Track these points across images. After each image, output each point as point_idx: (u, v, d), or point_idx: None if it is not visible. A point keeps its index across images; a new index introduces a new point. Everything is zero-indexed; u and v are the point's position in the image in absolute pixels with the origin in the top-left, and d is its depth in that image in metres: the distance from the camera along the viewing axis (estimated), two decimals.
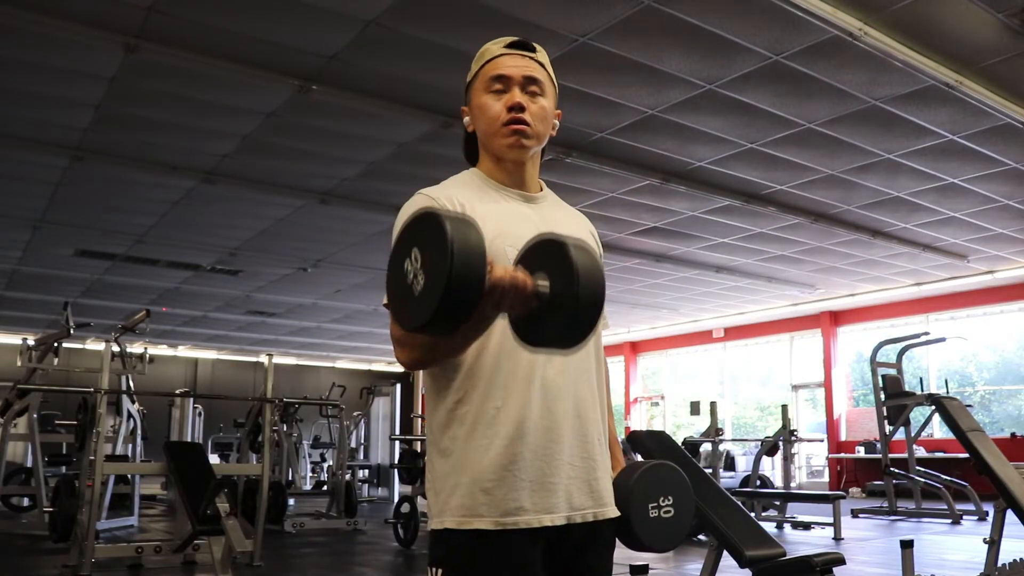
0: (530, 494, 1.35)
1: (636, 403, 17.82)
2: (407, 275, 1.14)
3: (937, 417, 10.38)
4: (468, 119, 1.53)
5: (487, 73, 1.48)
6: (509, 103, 1.45)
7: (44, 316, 13.45)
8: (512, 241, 1.37)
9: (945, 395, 5.67)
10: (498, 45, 1.51)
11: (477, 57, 1.52)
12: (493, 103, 1.46)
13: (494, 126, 1.46)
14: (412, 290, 1.12)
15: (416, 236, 1.15)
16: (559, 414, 1.39)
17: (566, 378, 1.41)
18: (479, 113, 1.48)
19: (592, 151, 6.67)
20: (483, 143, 1.51)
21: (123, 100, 5.60)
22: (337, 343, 17.31)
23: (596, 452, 1.44)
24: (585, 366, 1.46)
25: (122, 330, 8.11)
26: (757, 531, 3.38)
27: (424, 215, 1.15)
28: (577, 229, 1.55)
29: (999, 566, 4.21)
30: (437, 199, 1.41)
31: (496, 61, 1.48)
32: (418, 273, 1.12)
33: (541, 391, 1.38)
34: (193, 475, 5.42)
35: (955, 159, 6.88)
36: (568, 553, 1.41)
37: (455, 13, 4.57)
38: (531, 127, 1.46)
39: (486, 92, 1.47)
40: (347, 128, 6.14)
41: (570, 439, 1.40)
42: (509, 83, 1.46)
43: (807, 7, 4.41)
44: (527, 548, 1.34)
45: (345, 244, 9.43)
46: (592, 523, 1.42)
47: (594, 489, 1.42)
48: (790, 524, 8.19)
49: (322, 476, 14.11)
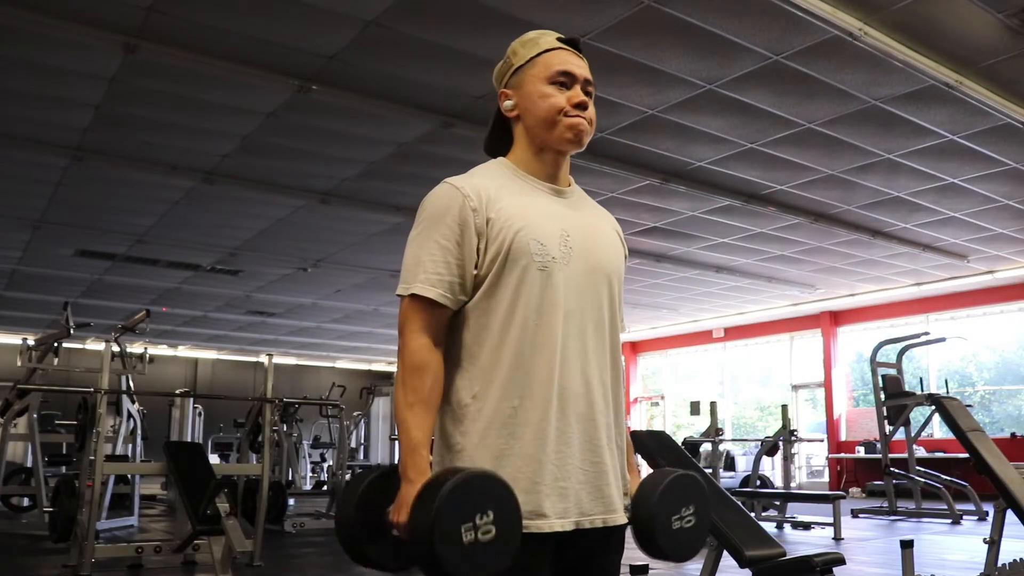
0: (543, 499, 1.34)
1: (636, 403, 17.83)
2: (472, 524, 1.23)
3: (937, 417, 10.38)
4: (512, 103, 1.51)
5: (550, 65, 1.48)
6: (575, 100, 1.47)
7: (44, 316, 13.44)
8: (536, 235, 1.39)
9: (945, 395, 5.67)
10: (549, 36, 1.51)
11: (524, 43, 1.52)
12: (557, 94, 1.47)
13: (555, 117, 1.46)
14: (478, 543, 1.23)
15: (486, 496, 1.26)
16: (574, 418, 1.39)
17: (583, 380, 1.41)
18: (538, 101, 1.47)
19: (592, 151, 6.65)
20: (531, 130, 1.49)
21: (123, 100, 5.60)
22: (337, 343, 17.31)
23: (605, 456, 1.43)
24: (602, 367, 1.45)
25: (122, 330, 8.11)
26: (757, 531, 3.38)
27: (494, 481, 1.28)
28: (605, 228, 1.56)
29: (999, 566, 4.21)
30: (462, 189, 1.41)
31: (558, 55, 1.49)
32: (487, 529, 1.24)
33: (559, 395, 1.37)
34: (193, 475, 5.41)
35: (955, 159, 6.88)
36: (576, 557, 1.41)
37: (455, 13, 4.57)
38: (590, 126, 1.49)
39: (548, 83, 1.47)
40: (347, 128, 6.14)
41: (582, 443, 1.40)
42: (574, 80, 1.48)
43: (807, 7, 4.41)
44: (536, 552, 1.34)
45: (345, 244, 9.43)
46: (601, 529, 1.41)
47: (604, 495, 1.41)
48: (790, 524, 8.19)
49: (322, 476, 14.12)
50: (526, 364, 1.36)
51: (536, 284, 1.38)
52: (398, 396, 1.36)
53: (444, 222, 1.39)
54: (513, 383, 1.36)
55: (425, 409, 1.34)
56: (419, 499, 1.25)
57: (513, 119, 1.52)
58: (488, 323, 1.38)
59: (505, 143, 1.55)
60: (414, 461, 1.31)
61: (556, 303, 1.39)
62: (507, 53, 1.54)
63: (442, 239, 1.39)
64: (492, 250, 1.38)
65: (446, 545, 1.21)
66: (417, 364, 1.36)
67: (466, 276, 1.39)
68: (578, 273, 1.43)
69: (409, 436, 1.32)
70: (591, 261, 1.46)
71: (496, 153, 1.56)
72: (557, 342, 1.38)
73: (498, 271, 1.38)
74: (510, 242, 1.38)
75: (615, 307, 1.50)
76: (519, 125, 1.51)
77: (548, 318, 1.38)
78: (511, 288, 1.38)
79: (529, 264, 1.38)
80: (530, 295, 1.38)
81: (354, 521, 1.36)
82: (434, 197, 1.43)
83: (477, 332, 1.39)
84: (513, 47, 1.53)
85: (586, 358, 1.42)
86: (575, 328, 1.41)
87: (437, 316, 1.39)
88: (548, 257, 1.40)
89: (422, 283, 1.37)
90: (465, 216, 1.39)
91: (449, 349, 1.42)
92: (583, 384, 1.40)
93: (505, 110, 1.52)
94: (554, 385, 1.37)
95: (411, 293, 1.38)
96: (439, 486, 1.24)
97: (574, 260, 1.43)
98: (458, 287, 1.39)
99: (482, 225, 1.39)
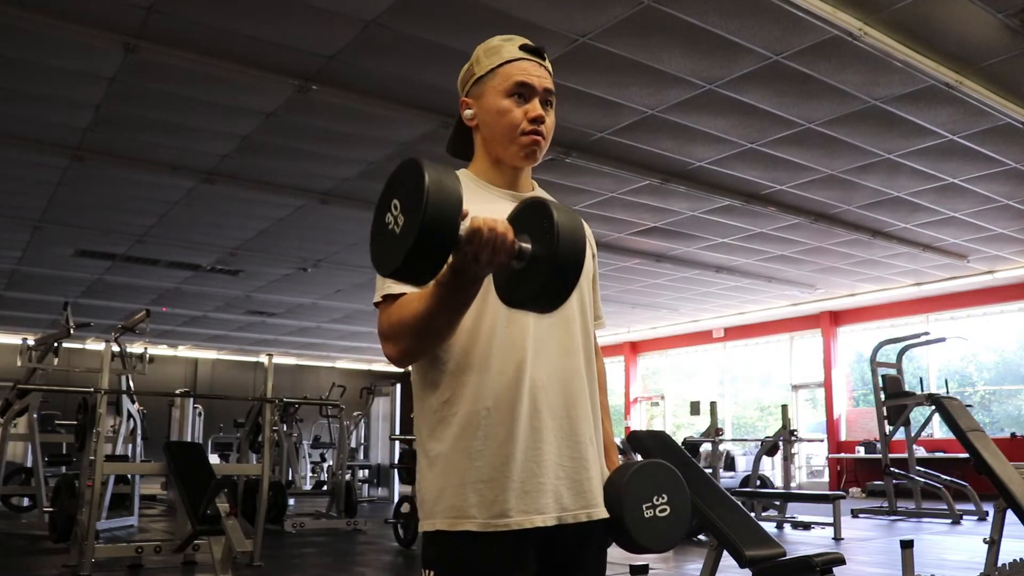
0: (520, 495, 1.34)
1: (636, 403, 17.83)
2: (387, 224, 1.15)
3: (937, 417, 10.38)
4: (471, 112, 1.51)
5: (509, 76, 1.46)
6: (532, 115, 1.45)
7: (44, 316, 13.44)
8: None
9: (945, 395, 5.67)
10: (511, 44, 1.49)
11: (487, 51, 1.50)
12: (513, 109, 1.46)
13: (511, 133, 1.46)
14: (392, 235, 1.13)
15: (397, 186, 1.15)
16: (548, 414, 1.39)
17: (555, 378, 1.41)
18: (495, 115, 1.46)
19: (592, 151, 6.67)
20: (488, 143, 1.50)
21: (123, 100, 5.60)
22: (337, 343, 17.31)
23: (586, 452, 1.43)
24: (575, 365, 1.45)
25: (122, 330, 8.11)
26: (757, 531, 3.38)
27: (405, 164, 1.15)
28: None
29: (999, 566, 4.21)
30: None
31: (519, 65, 1.47)
32: (397, 219, 1.12)
33: (530, 392, 1.37)
34: (193, 475, 5.41)
35: (955, 159, 6.88)
36: (561, 554, 1.41)
37: (455, 13, 4.57)
38: (545, 140, 1.48)
39: (505, 96, 1.46)
40: (347, 128, 6.14)
41: (559, 439, 1.40)
42: (531, 93, 1.46)
43: (807, 7, 4.41)
44: (518, 549, 1.34)
45: (345, 244, 9.43)
46: (585, 524, 1.41)
47: (585, 490, 1.41)
48: (790, 524, 8.19)
49: (322, 476, 14.11)
50: (496, 366, 1.36)
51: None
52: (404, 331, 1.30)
53: None
54: (483, 386, 1.36)
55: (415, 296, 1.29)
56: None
57: (473, 128, 1.52)
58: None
59: (467, 147, 1.56)
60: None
61: None
62: (471, 59, 1.52)
63: None
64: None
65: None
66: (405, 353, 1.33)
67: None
68: None
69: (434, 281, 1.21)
70: None
71: (459, 155, 1.57)
72: (528, 342, 1.38)
73: None
74: None
75: (585, 304, 1.50)
76: (478, 135, 1.52)
77: (519, 320, 1.38)
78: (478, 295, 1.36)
79: None
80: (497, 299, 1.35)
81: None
82: None
83: None
84: (476, 54, 1.51)
85: (560, 356, 1.42)
86: (545, 327, 1.41)
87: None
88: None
89: (392, 284, 1.35)
90: None
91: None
92: (557, 381, 1.41)
93: (465, 119, 1.52)
94: (524, 385, 1.37)
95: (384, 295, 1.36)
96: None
97: None
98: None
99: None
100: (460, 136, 1.56)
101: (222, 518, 4.74)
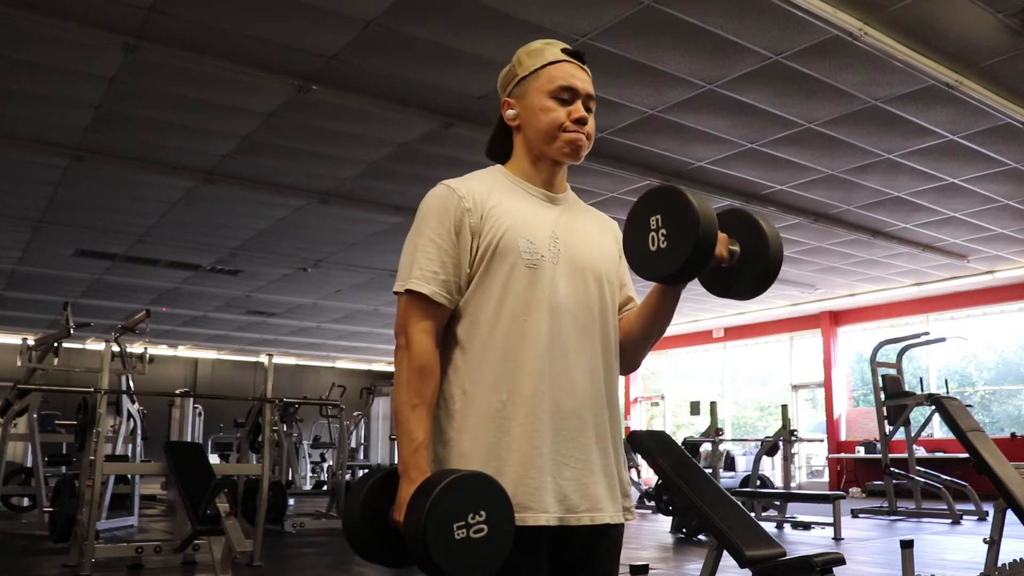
0: (529, 492, 1.35)
1: (636, 403, 17.82)
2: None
3: (937, 417, 10.38)
4: (514, 112, 1.54)
5: (554, 78, 1.50)
6: (576, 116, 1.50)
7: (44, 316, 13.44)
8: (525, 234, 1.43)
9: (945, 395, 5.67)
10: (553, 47, 1.53)
11: (530, 53, 1.53)
12: (558, 109, 1.49)
13: (554, 131, 1.49)
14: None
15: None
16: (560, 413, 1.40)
17: (570, 378, 1.42)
18: (539, 114, 1.50)
19: (592, 151, 6.60)
20: (530, 141, 1.52)
21: (123, 100, 5.60)
22: (337, 343, 17.31)
23: (592, 455, 1.43)
24: (593, 364, 1.46)
25: (122, 330, 8.10)
26: (757, 531, 3.38)
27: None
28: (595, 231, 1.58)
29: (999, 566, 4.21)
30: (457, 190, 1.44)
31: (563, 68, 1.51)
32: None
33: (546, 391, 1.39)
34: (193, 475, 5.41)
35: (955, 159, 6.88)
36: (571, 557, 1.42)
37: (455, 13, 4.57)
38: (588, 140, 1.52)
39: (550, 96, 1.49)
40: (347, 128, 6.14)
41: (568, 440, 1.41)
42: (576, 95, 1.50)
43: (807, 7, 4.41)
44: (529, 548, 1.35)
45: (345, 244, 9.43)
46: (592, 527, 1.42)
47: (590, 492, 1.42)
48: (790, 524, 8.19)
49: (322, 476, 14.12)
50: (514, 359, 1.39)
51: (523, 280, 1.41)
52: (400, 397, 1.38)
53: (439, 221, 1.43)
54: (501, 378, 1.38)
55: (427, 411, 1.37)
56: (414, 499, 1.27)
57: (514, 128, 1.55)
58: (478, 319, 1.42)
59: (505, 148, 1.58)
60: (416, 461, 1.33)
61: (543, 299, 1.42)
62: (512, 62, 1.56)
63: (437, 238, 1.42)
64: (482, 247, 1.42)
65: (438, 542, 1.21)
66: (423, 367, 1.38)
67: (461, 275, 1.43)
68: (566, 272, 1.46)
69: (412, 437, 1.34)
70: (579, 261, 1.48)
71: (496, 157, 1.60)
72: (544, 337, 1.40)
73: (487, 267, 1.42)
74: (499, 239, 1.42)
75: (607, 307, 1.51)
76: (519, 135, 1.54)
77: (536, 314, 1.40)
78: (499, 284, 1.41)
79: (517, 261, 1.42)
80: (518, 291, 1.41)
81: (360, 522, 1.37)
82: (430, 198, 1.47)
83: (468, 328, 1.42)
84: (519, 56, 1.55)
85: (575, 355, 1.43)
86: (564, 325, 1.43)
87: (438, 317, 1.42)
88: (537, 255, 1.43)
89: (417, 279, 1.40)
90: (460, 216, 1.42)
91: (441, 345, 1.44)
92: (571, 380, 1.42)
93: (507, 119, 1.55)
94: (542, 380, 1.39)
95: (407, 289, 1.41)
96: (433, 486, 1.25)
97: (562, 259, 1.46)
98: (454, 286, 1.42)
99: (476, 224, 1.43)
100: (499, 138, 1.59)
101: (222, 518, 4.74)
